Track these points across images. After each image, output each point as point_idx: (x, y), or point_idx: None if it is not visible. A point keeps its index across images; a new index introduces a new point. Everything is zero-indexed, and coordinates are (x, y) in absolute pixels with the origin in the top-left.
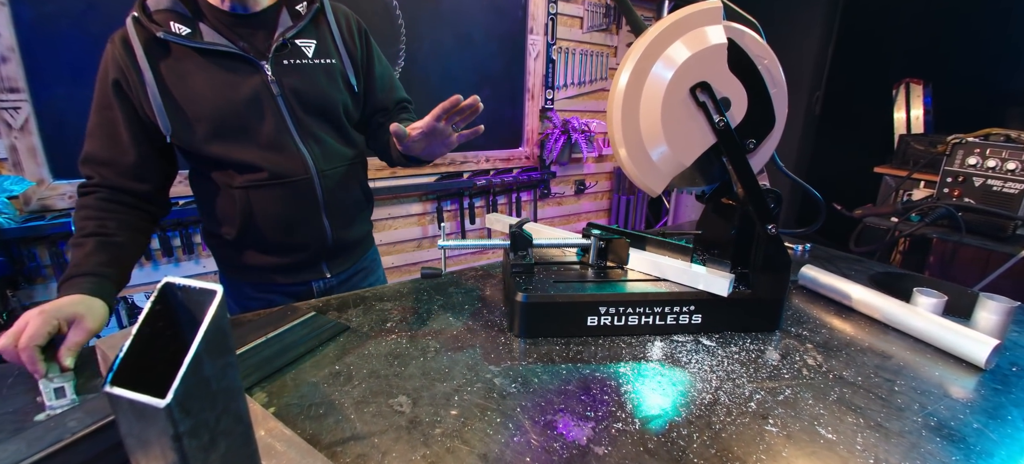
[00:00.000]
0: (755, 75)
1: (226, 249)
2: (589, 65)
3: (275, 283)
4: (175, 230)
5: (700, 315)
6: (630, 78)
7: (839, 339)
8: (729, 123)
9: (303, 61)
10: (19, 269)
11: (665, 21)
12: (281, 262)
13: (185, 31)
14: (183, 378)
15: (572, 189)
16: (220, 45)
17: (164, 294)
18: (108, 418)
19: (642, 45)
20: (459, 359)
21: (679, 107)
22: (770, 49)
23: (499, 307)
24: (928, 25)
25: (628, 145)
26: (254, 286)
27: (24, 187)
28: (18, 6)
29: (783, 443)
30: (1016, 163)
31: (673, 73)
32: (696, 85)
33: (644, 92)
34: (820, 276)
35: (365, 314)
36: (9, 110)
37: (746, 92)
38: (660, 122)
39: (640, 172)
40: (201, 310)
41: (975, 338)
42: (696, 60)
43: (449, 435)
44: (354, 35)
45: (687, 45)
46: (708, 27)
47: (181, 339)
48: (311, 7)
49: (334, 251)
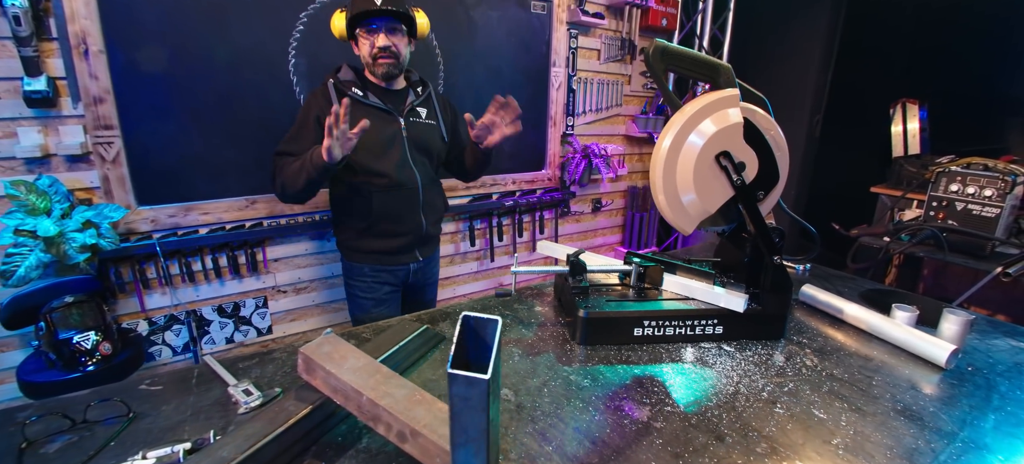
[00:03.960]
0: (764, 144)
1: (355, 238)
2: (606, 93)
3: (385, 264)
4: (241, 249)
5: (721, 327)
6: (671, 143)
7: (832, 345)
8: (744, 181)
9: (419, 120)
10: (107, 286)
11: (698, 102)
12: (392, 244)
13: (360, 94)
14: (493, 363)
15: (590, 207)
16: (378, 105)
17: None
18: (310, 406)
19: (681, 120)
20: (539, 361)
21: (706, 168)
22: (775, 121)
23: (558, 320)
24: (924, 44)
25: (666, 194)
26: (371, 268)
27: (121, 214)
28: (114, 53)
29: (788, 420)
30: (992, 190)
31: (703, 142)
32: (720, 153)
33: (681, 155)
34: (817, 294)
35: (453, 327)
36: (103, 144)
37: (757, 157)
38: (692, 178)
39: (674, 214)
40: (484, 328)
41: (937, 344)
42: (720, 133)
43: (548, 415)
44: (447, 108)
45: (714, 122)
46: (729, 109)
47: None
48: (425, 91)
49: (424, 239)
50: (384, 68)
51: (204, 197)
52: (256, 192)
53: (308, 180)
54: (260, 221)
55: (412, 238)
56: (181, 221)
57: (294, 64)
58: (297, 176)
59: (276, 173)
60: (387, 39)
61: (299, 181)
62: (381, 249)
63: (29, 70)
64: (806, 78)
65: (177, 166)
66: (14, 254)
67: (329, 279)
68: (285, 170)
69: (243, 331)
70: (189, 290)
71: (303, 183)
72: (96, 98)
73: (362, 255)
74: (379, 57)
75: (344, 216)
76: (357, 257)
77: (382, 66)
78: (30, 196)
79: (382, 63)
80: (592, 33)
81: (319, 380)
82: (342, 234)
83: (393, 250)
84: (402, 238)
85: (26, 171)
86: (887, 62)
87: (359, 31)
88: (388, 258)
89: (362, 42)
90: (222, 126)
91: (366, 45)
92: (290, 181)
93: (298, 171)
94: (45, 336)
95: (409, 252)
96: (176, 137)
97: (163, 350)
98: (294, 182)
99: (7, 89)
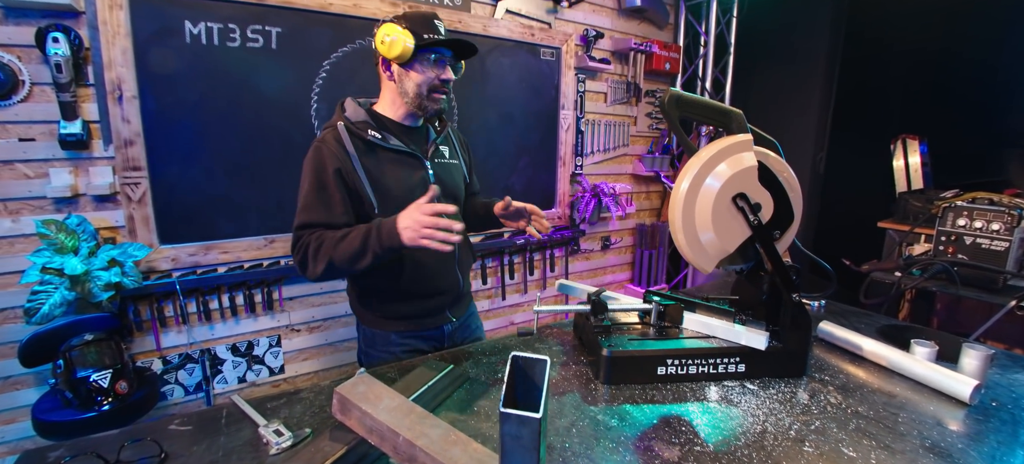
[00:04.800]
0: (777, 185)
1: (379, 303)
2: (613, 134)
3: (415, 329)
4: (258, 287)
5: (744, 365)
6: (689, 186)
7: (854, 382)
8: (761, 221)
9: (444, 160)
10: (126, 324)
11: (713, 147)
12: (425, 306)
13: (378, 137)
14: (544, 403)
15: (599, 245)
16: (401, 148)
17: (513, 361)
18: (345, 447)
19: (697, 164)
20: (565, 401)
21: (724, 209)
22: (787, 164)
23: (580, 359)
24: (920, 81)
25: (686, 234)
26: (399, 335)
27: (145, 253)
28: (146, 98)
29: (818, 459)
30: (1000, 223)
31: (720, 184)
32: (737, 195)
33: (699, 197)
34: (836, 330)
35: (478, 366)
36: (131, 185)
37: (772, 198)
38: (710, 219)
39: (694, 254)
40: (532, 368)
41: (960, 379)
42: (736, 176)
43: (578, 455)
44: (465, 147)
45: (729, 165)
46: (744, 153)
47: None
48: (443, 127)
49: (459, 297)
50: (439, 103)
51: (224, 236)
52: (275, 232)
53: (374, 258)
54: (278, 259)
55: (448, 298)
56: (201, 259)
57: (316, 109)
58: (356, 255)
59: (311, 250)
60: (451, 72)
61: (360, 261)
62: (411, 313)
63: (66, 114)
64: (808, 117)
65: (199, 206)
66: (40, 292)
67: (342, 317)
68: (333, 247)
69: (255, 370)
70: (204, 328)
71: (368, 262)
72: (127, 141)
73: (388, 322)
74: (438, 90)
75: (363, 279)
76: (381, 324)
77: (437, 101)
78: (60, 235)
79: (438, 98)
80: (599, 77)
81: (354, 420)
82: (362, 299)
83: (425, 313)
84: (436, 299)
85: (55, 210)
86: (885, 100)
87: (426, 56)
88: (418, 322)
89: (417, 71)
90: (245, 168)
91: (425, 75)
92: (343, 259)
93: (359, 250)
94: (63, 374)
95: (441, 313)
96: (200, 178)
97: (175, 389)
98: (349, 261)
99: (43, 132)
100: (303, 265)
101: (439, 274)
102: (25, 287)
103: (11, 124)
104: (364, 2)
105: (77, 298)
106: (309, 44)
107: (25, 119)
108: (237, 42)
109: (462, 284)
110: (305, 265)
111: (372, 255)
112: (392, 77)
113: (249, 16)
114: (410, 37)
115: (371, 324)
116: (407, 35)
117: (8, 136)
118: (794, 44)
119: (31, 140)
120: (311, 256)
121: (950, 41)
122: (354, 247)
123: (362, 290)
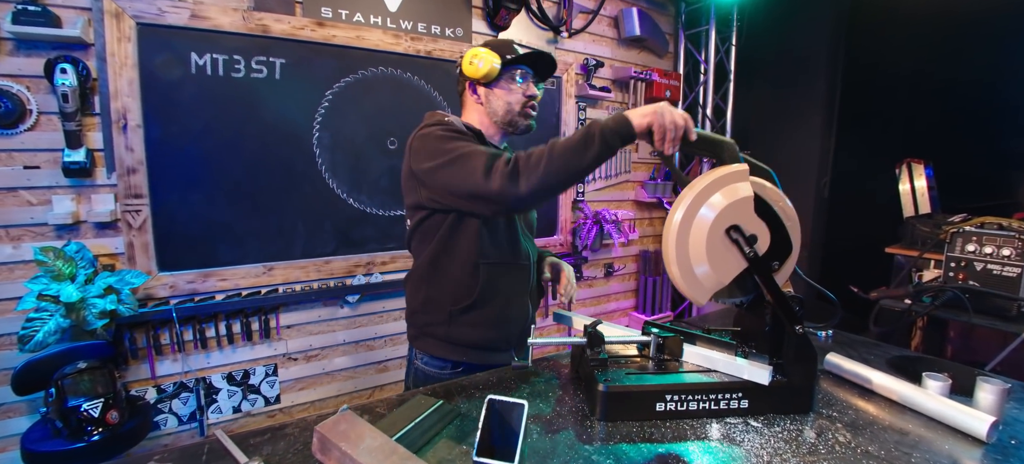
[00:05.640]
0: (773, 215)
1: (449, 325)
2: (614, 160)
3: (476, 361)
4: (255, 315)
5: (747, 400)
6: (682, 216)
7: (863, 419)
8: (757, 253)
9: None
10: (121, 352)
11: (708, 177)
12: (494, 336)
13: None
14: (520, 451)
15: (602, 272)
16: None
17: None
18: None
19: (691, 194)
20: (559, 439)
21: (719, 240)
22: (783, 193)
23: (576, 393)
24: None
25: (680, 266)
26: (456, 365)
27: (142, 280)
28: (150, 127)
29: None
30: (1010, 249)
31: (715, 215)
32: (730, 227)
33: (693, 228)
34: (844, 362)
35: (470, 401)
36: (132, 212)
37: (768, 229)
38: (705, 250)
39: (688, 286)
40: (509, 412)
41: (975, 416)
42: (731, 206)
43: None
44: None
45: (724, 195)
46: (739, 183)
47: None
48: None
49: (524, 334)
50: (530, 120)
51: (223, 264)
52: (274, 259)
53: (601, 145)
54: (276, 287)
55: (518, 329)
56: (199, 287)
57: (318, 137)
58: (581, 149)
59: (522, 162)
60: (535, 88)
61: (586, 152)
62: (477, 342)
63: (70, 143)
64: (810, 142)
65: (199, 233)
66: (35, 319)
67: (341, 346)
68: (554, 148)
69: (251, 400)
70: (200, 357)
71: (594, 153)
72: (130, 169)
73: (448, 348)
74: (528, 106)
75: (442, 294)
76: (439, 351)
77: (529, 116)
78: (57, 262)
79: (529, 114)
80: (600, 105)
81: (334, 461)
82: (423, 316)
83: (490, 345)
84: (507, 328)
85: (56, 237)
86: (888, 124)
87: (512, 73)
88: (481, 355)
89: (505, 89)
90: (246, 195)
91: (514, 93)
92: (570, 156)
93: (583, 142)
94: (54, 403)
95: (506, 350)
96: (201, 205)
97: (169, 419)
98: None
99: (48, 160)
100: (514, 177)
101: (511, 301)
102: (22, 314)
103: (17, 152)
104: (367, 34)
105: (72, 326)
106: (312, 75)
107: (31, 147)
108: (242, 73)
109: (531, 315)
110: (516, 177)
111: (599, 144)
112: (479, 99)
113: (254, 47)
114: (496, 57)
115: (424, 347)
116: (494, 55)
117: (14, 163)
118: (794, 70)
119: (36, 168)
120: (524, 167)
121: (952, 63)
122: (574, 142)
123: (418, 307)
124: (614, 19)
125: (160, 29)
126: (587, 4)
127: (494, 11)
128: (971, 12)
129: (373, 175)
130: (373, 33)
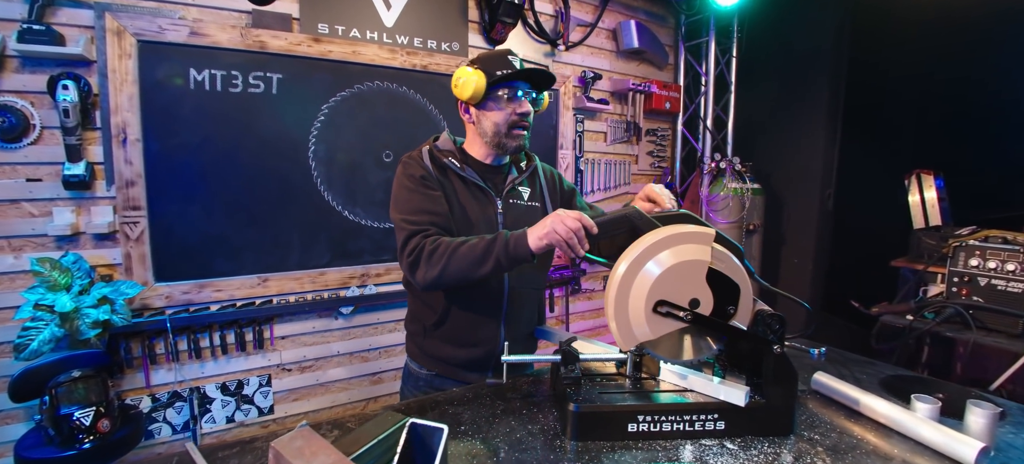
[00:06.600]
0: (725, 283)
1: (420, 334)
2: (614, 173)
3: (448, 376)
4: (249, 326)
5: (723, 422)
6: (627, 269)
7: (846, 442)
8: (698, 314)
9: (520, 202)
10: (116, 361)
11: (668, 230)
12: (458, 355)
13: (457, 165)
14: None
15: (601, 285)
16: (477, 181)
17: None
18: None
19: (642, 246)
20: (526, 459)
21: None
22: (745, 274)
23: (551, 411)
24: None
25: (618, 320)
26: (429, 377)
27: (137, 291)
28: (149, 141)
29: None
30: (1015, 264)
31: (660, 272)
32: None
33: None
34: (830, 382)
35: (443, 416)
36: (129, 224)
37: (712, 294)
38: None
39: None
40: (429, 437)
41: (963, 441)
42: (679, 267)
43: None
44: (555, 184)
45: (674, 255)
46: (697, 245)
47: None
48: (529, 165)
49: (493, 356)
50: (520, 140)
51: (219, 275)
52: (270, 270)
53: (495, 266)
54: (270, 298)
55: (482, 353)
56: (194, 297)
57: (314, 151)
58: (478, 261)
59: (425, 253)
60: (529, 105)
61: (481, 268)
62: (445, 357)
63: (71, 156)
64: (814, 152)
65: (196, 244)
66: (30, 328)
67: (335, 357)
68: (452, 252)
69: (244, 410)
70: (195, 366)
71: (488, 269)
72: (128, 181)
73: (424, 358)
74: (518, 125)
75: (418, 303)
76: (418, 358)
77: (519, 137)
78: (53, 273)
79: (519, 134)
80: (598, 117)
81: None
82: (411, 325)
83: (459, 363)
84: (471, 350)
85: (56, 248)
86: (896, 134)
87: (499, 93)
88: (453, 370)
89: (492, 109)
90: (243, 207)
91: (503, 111)
92: (462, 264)
93: (481, 256)
94: (47, 411)
95: (478, 370)
96: (198, 217)
97: (163, 428)
98: (469, 266)
99: (49, 173)
100: (414, 267)
101: (476, 325)
102: (21, 322)
103: (20, 165)
104: (363, 49)
105: (67, 335)
106: (309, 89)
107: (34, 160)
108: (239, 88)
109: (502, 343)
110: (416, 267)
111: (495, 262)
112: (471, 119)
113: (252, 63)
114: (481, 76)
115: (410, 354)
116: (478, 75)
117: (17, 176)
118: (797, 79)
119: (38, 180)
120: (425, 259)
121: (960, 70)
122: (475, 253)
123: (411, 314)
124: (612, 32)
125: (160, 46)
126: (585, 17)
127: (490, 25)
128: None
129: (368, 188)
130: (369, 48)
